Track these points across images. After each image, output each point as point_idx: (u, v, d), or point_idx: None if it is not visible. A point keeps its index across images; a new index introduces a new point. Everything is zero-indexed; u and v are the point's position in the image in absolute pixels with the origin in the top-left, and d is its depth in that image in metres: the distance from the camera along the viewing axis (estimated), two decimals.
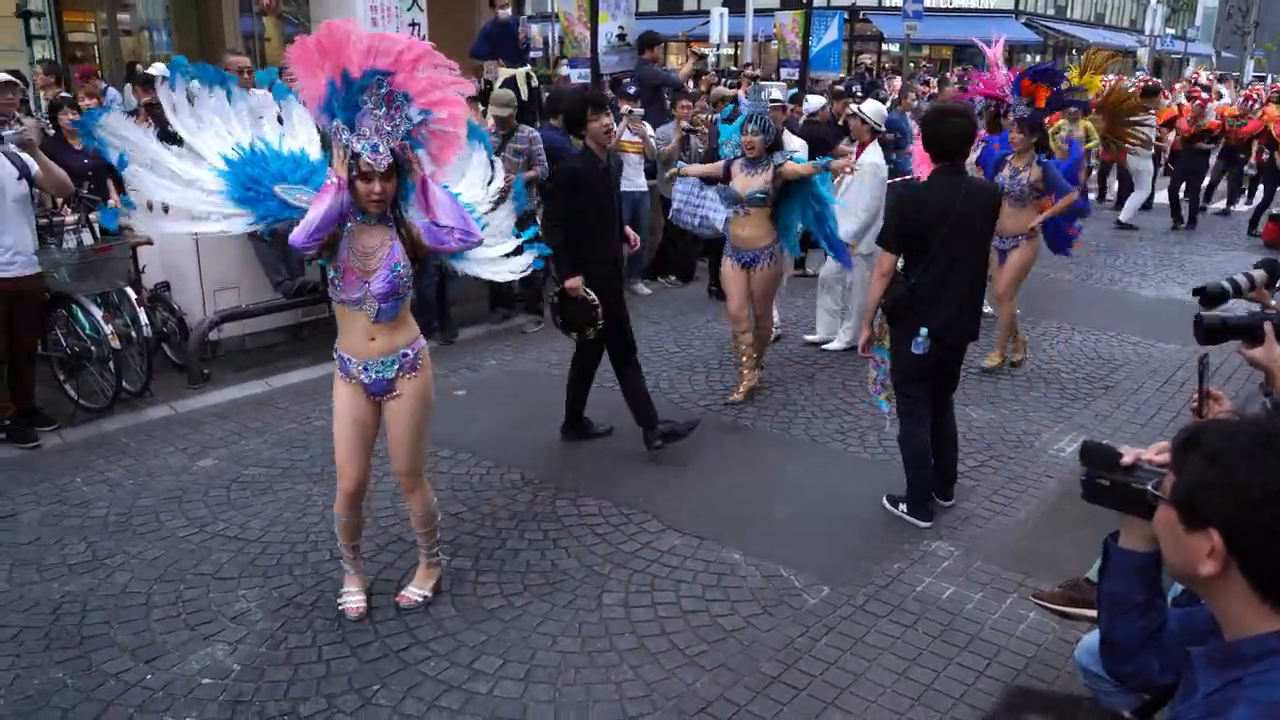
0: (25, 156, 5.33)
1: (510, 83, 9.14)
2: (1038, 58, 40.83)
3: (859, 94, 10.20)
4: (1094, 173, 14.05)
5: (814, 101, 10.61)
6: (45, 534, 4.48)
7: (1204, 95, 14.85)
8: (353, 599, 3.88)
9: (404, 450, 3.75)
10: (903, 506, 4.69)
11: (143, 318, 6.01)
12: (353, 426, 3.66)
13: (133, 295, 6.07)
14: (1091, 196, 12.73)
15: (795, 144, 7.46)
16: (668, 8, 40.33)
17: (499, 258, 4.28)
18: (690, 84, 11.84)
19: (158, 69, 3.98)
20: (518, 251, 4.38)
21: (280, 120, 3.94)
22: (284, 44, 15.52)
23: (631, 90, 8.97)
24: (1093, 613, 3.69)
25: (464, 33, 13.00)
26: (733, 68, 17.29)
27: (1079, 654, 2.82)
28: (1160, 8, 33.88)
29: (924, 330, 4.39)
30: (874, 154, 6.96)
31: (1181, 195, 13.14)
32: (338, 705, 3.34)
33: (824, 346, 7.39)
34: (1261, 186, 13.41)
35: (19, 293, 5.39)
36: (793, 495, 4.96)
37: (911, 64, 25.98)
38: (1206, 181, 14.00)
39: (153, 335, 6.19)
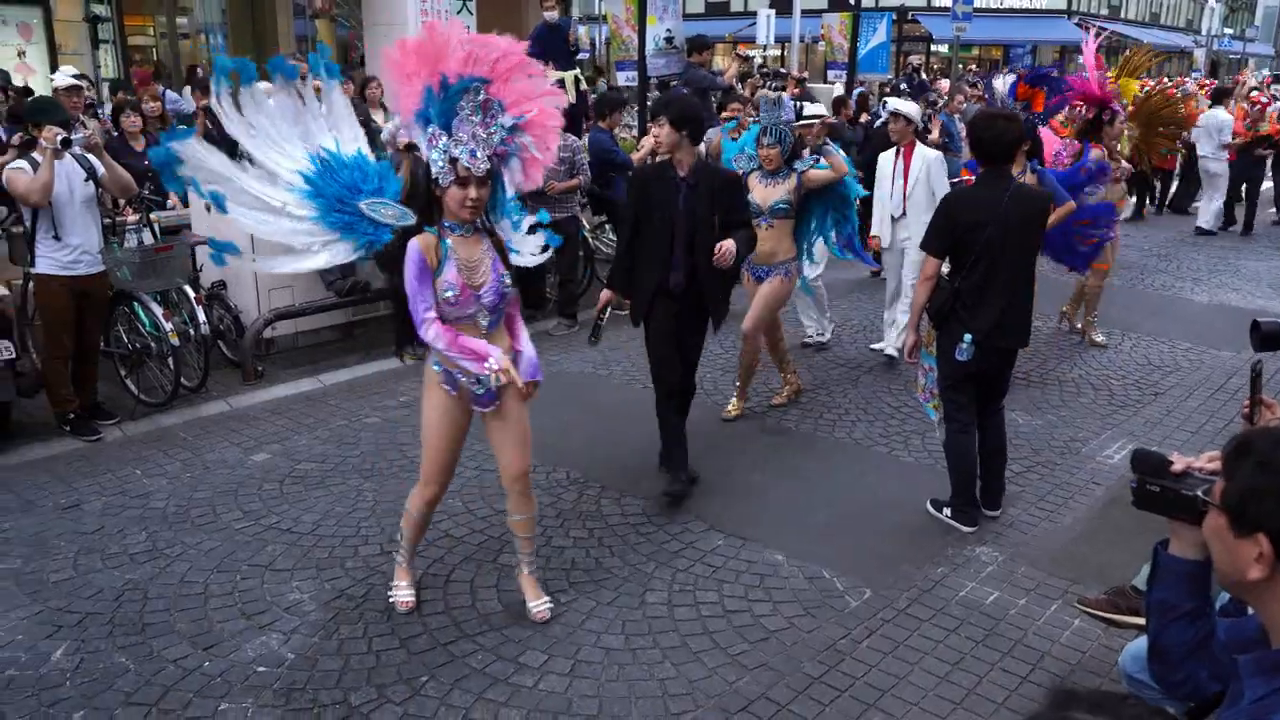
0: (92, 158, 5.51)
1: (559, 86, 9.22)
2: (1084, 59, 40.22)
3: (908, 95, 10.13)
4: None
5: (894, 103, 10.40)
6: (108, 524, 4.63)
7: (1263, 99, 14.56)
8: (403, 593, 3.94)
9: (520, 453, 3.72)
10: (946, 511, 4.68)
11: (201, 315, 6.17)
12: (452, 440, 3.66)
13: (191, 293, 6.23)
14: (1127, 211, 12.34)
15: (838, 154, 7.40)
16: (715, 10, 40.30)
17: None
18: (738, 85, 11.87)
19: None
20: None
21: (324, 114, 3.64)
22: (336, 46, 15.82)
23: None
24: (1138, 620, 3.68)
25: (513, 35, 13.13)
26: (781, 70, 17.24)
27: (1123, 661, 2.81)
28: (1218, 7, 33.25)
29: (967, 336, 4.37)
30: (925, 151, 6.81)
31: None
32: (387, 695, 3.43)
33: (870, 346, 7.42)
34: None
35: (86, 291, 5.58)
36: (836, 498, 4.98)
37: (960, 65, 25.72)
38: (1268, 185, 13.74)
39: (210, 332, 6.34)
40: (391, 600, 3.94)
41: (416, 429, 5.74)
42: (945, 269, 4.54)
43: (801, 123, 7.81)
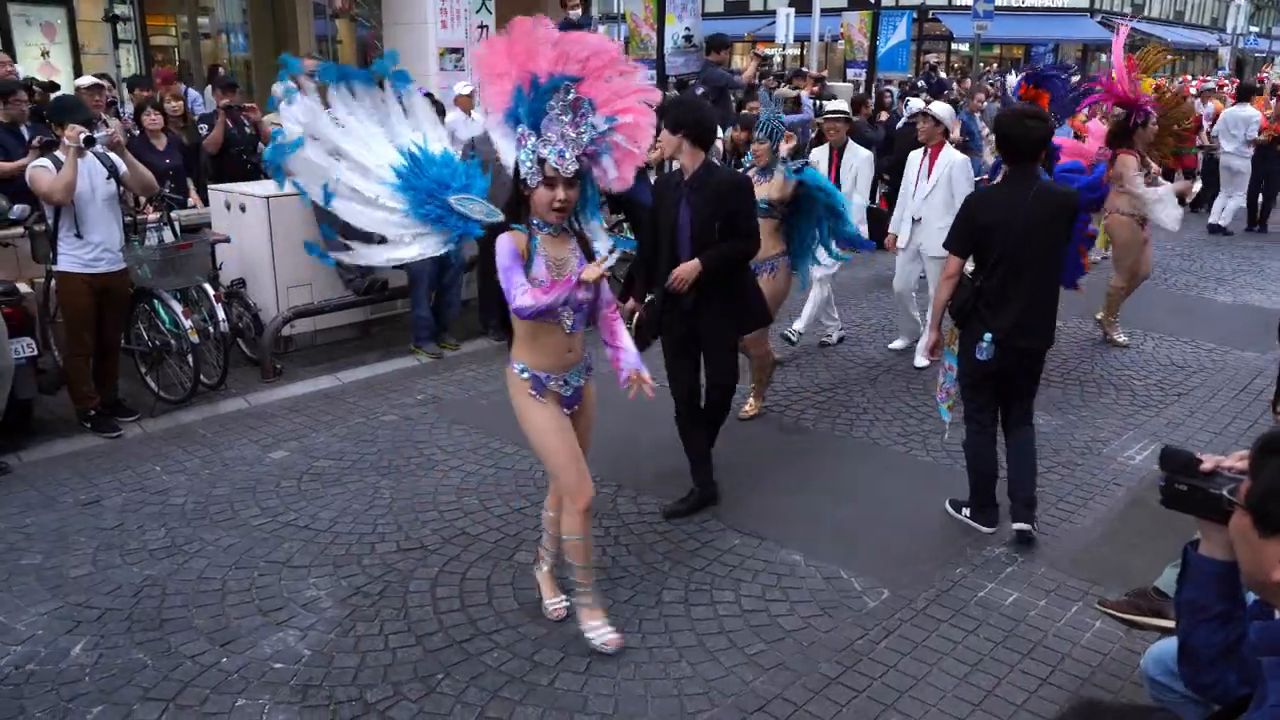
0: (114, 156, 5.54)
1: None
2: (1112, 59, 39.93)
3: (926, 94, 10.06)
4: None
5: (915, 104, 10.25)
6: (127, 520, 4.66)
7: None
8: (609, 631, 3.69)
9: (585, 447, 3.69)
10: (965, 511, 4.65)
11: (220, 313, 6.20)
12: (570, 443, 3.55)
13: (211, 291, 6.26)
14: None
15: (860, 154, 7.37)
16: (734, 8, 40.25)
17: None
18: (759, 84, 11.83)
19: (309, 64, 3.56)
20: None
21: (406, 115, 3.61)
22: (356, 46, 15.88)
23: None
24: (1160, 622, 3.64)
25: None
26: (803, 69, 17.20)
27: (1145, 664, 2.78)
28: (1244, 4, 32.88)
29: (988, 336, 4.32)
30: (952, 153, 6.69)
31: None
32: (403, 692, 3.43)
33: (889, 346, 7.36)
34: None
35: (107, 288, 5.62)
36: (854, 497, 4.95)
37: (981, 64, 25.57)
38: None
39: (229, 330, 6.37)
40: (600, 643, 3.64)
41: (433, 426, 5.81)
42: (969, 268, 4.50)
43: (826, 115, 7.75)
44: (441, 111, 7.09)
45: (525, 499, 4.89)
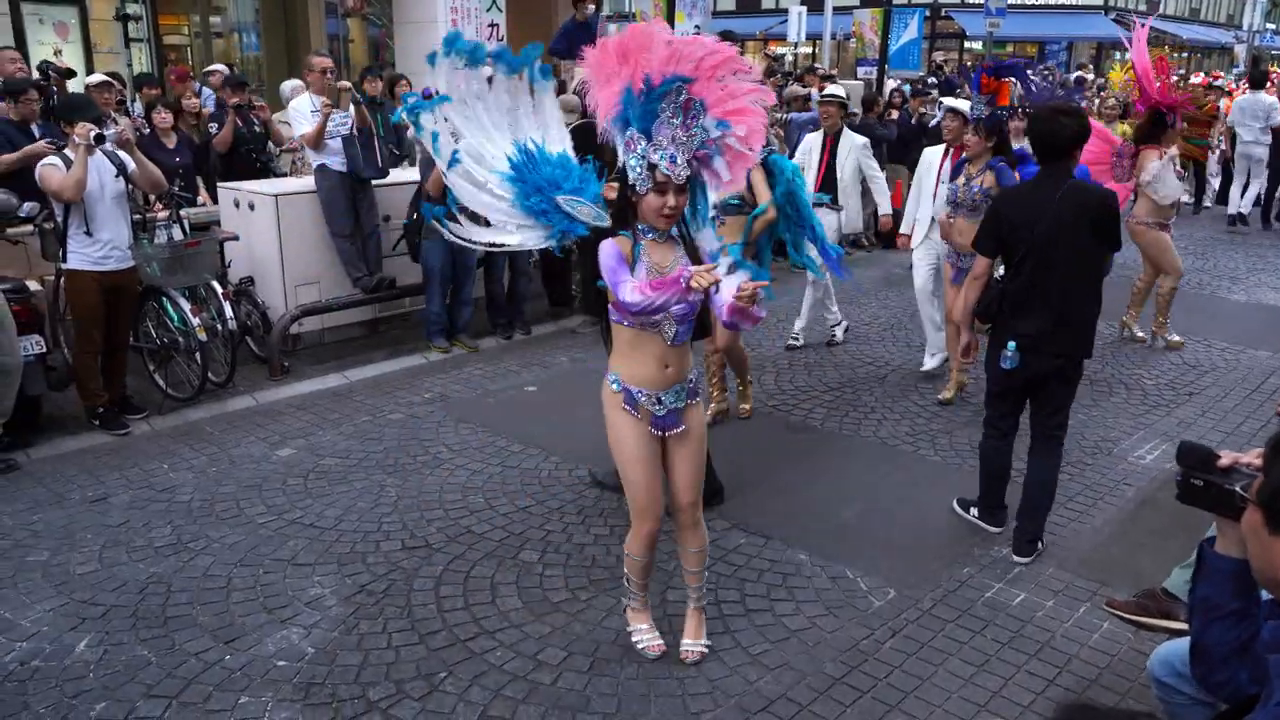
0: (123, 154, 5.56)
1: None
2: (1127, 56, 39.72)
3: (935, 93, 9.99)
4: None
5: (950, 103, 9.99)
6: (134, 517, 4.67)
7: None
8: (647, 636, 3.68)
9: (694, 481, 3.50)
10: (973, 511, 4.61)
11: (228, 311, 6.21)
12: (651, 465, 3.40)
13: (219, 289, 6.28)
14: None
15: (856, 140, 7.23)
16: (746, 6, 40.16)
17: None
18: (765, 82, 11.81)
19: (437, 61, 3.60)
20: None
21: (534, 112, 3.62)
22: (367, 45, 15.93)
23: None
24: (1168, 624, 3.61)
25: (542, 32, 13.16)
26: (815, 66, 17.15)
27: (1152, 665, 2.75)
28: (1260, 1, 32.62)
29: (1011, 344, 4.13)
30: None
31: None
32: (406, 691, 3.42)
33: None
34: None
35: (116, 286, 5.63)
36: (860, 497, 4.93)
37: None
38: None
39: (237, 328, 6.39)
40: (641, 647, 3.65)
41: (439, 425, 5.81)
42: (999, 270, 4.35)
43: (821, 100, 7.63)
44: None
45: (530, 498, 4.88)
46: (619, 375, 3.36)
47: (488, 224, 3.50)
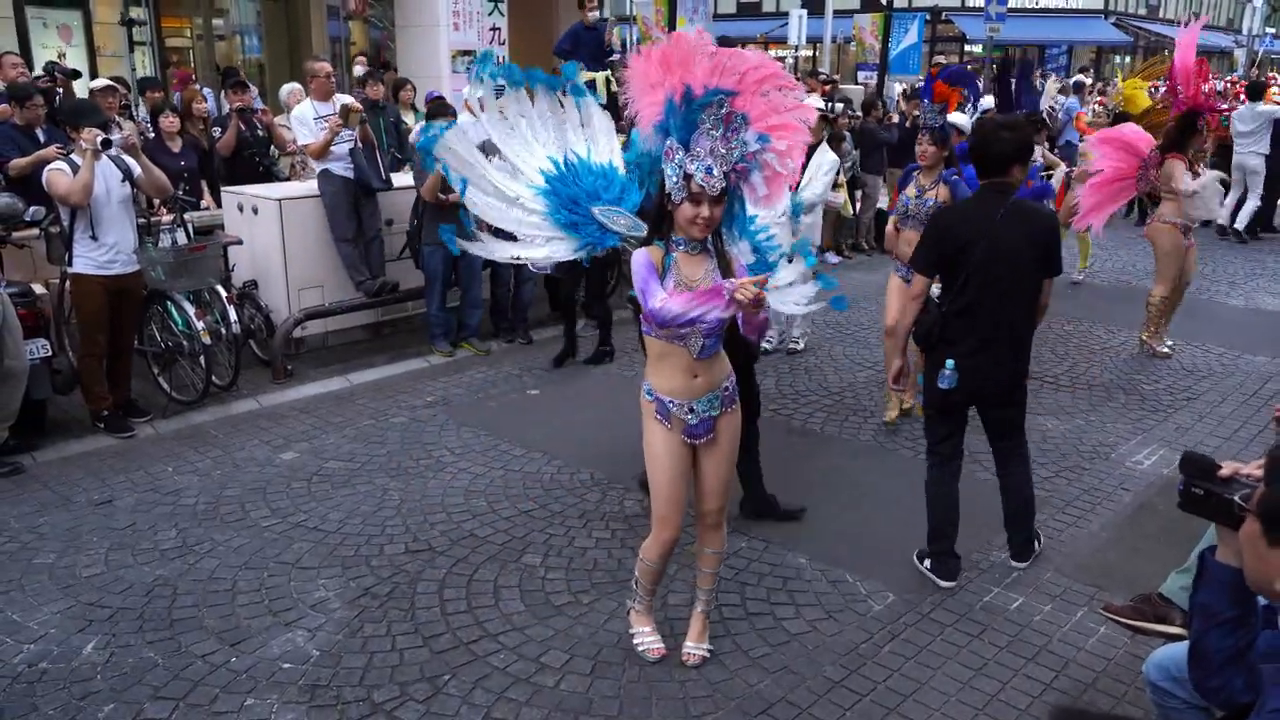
0: (128, 159, 5.60)
1: (590, 86, 9.24)
2: (1127, 60, 39.73)
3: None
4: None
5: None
6: (139, 520, 4.71)
7: None
8: (650, 640, 3.71)
9: (722, 488, 3.51)
10: (927, 563, 4.25)
11: (232, 315, 6.24)
12: (680, 475, 3.42)
13: (223, 293, 6.30)
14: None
15: (828, 156, 6.81)
16: (746, 10, 40.22)
17: (785, 286, 3.71)
18: None
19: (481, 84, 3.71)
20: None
21: (582, 125, 3.70)
22: (369, 48, 15.96)
23: None
24: (1164, 628, 3.65)
25: (544, 36, 13.21)
26: (818, 71, 17.18)
27: (1148, 670, 2.78)
28: (1261, 6, 32.62)
29: (950, 363, 3.98)
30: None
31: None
32: (410, 693, 3.46)
33: None
34: None
35: (121, 290, 5.67)
36: (860, 501, 4.96)
37: (993, 66, 25.48)
38: None
39: (241, 332, 6.41)
40: (642, 649, 3.69)
41: (442, 428, 5.85)
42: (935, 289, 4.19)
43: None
44: (439, 113, 7.14)
45: (533, 501, 4.92)
46: (652, 385, 3.37)
47: (512, 238, 3.56)
